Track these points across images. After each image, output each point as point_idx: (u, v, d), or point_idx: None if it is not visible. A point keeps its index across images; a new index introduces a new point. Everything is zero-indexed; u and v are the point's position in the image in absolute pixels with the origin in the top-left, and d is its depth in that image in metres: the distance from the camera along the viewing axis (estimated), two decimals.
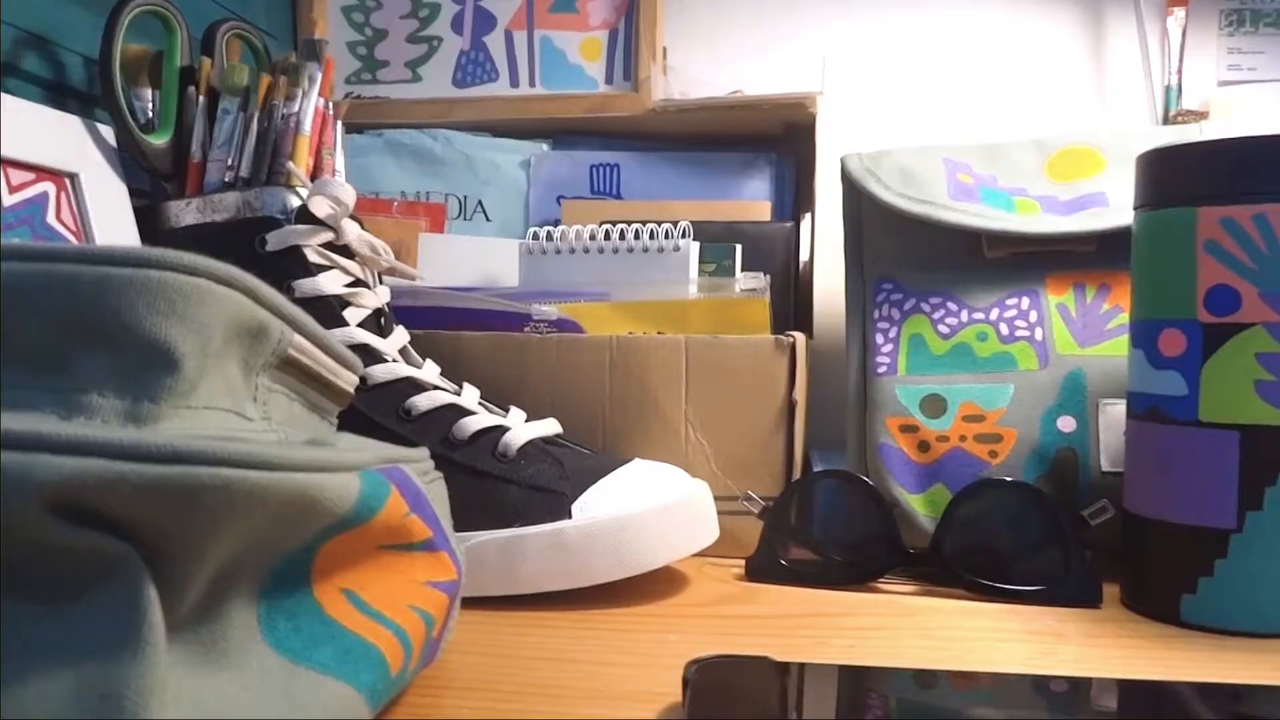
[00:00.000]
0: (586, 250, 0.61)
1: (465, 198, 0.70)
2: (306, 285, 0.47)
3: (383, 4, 0.73)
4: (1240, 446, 0.40)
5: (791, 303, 0.65)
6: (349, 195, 0.47)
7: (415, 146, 0.70)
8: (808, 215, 0.69)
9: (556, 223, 0.68)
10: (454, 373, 0.54)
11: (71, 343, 0.20)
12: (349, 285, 0.49)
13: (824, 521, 0.50)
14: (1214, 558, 0.40)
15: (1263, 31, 0.68)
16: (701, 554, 0.50)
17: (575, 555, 0.43)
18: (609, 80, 0.71)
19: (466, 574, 0.43)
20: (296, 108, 0.49)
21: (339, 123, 0.52)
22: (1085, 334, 0.52)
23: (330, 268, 0.48)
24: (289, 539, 0.21)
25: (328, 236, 0.48)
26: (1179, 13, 0.66)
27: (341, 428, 0.42)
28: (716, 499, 0.51)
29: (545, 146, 0.71)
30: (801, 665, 0.33)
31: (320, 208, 0.47)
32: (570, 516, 0.44)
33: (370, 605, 0.24)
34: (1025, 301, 0.53)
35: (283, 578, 0.22)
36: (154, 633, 0.17)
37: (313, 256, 0.47)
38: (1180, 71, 0.66)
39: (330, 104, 0.51)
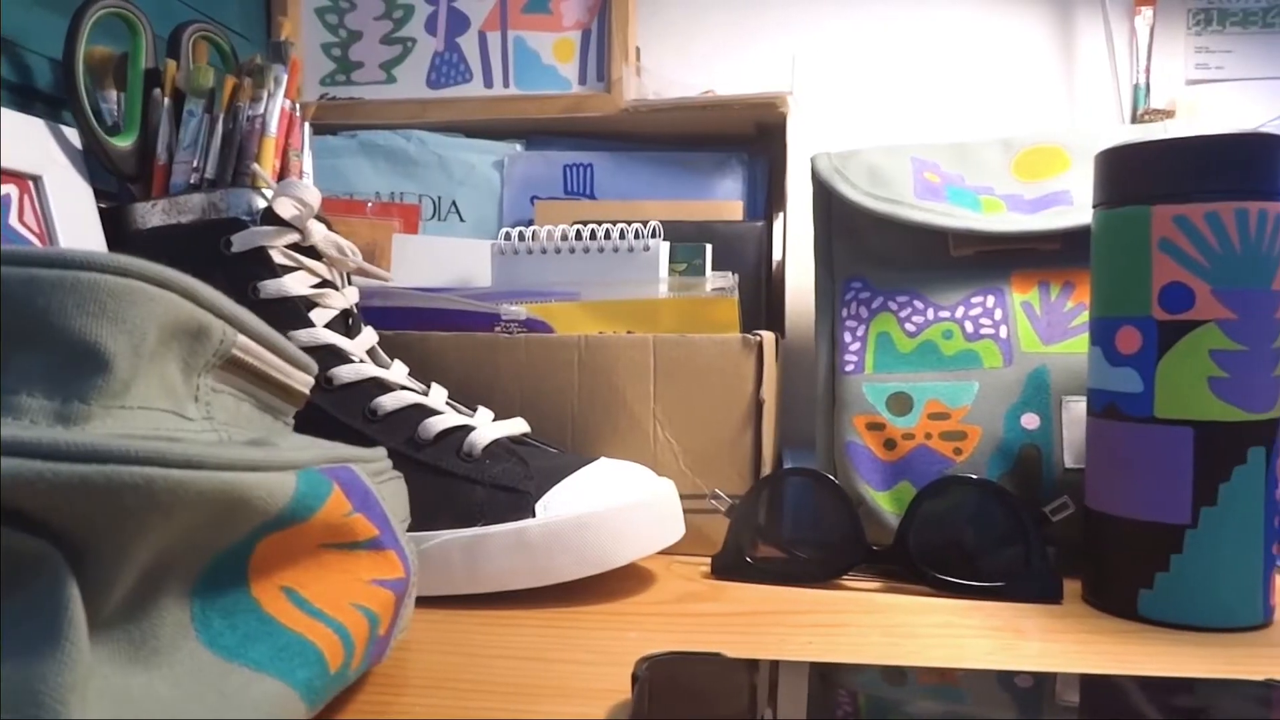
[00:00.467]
0: (558, 250, 0.61)
1: (439, 198, 0.70)
2: (271, 286, 0.47)
3: (356, 5, 0.73)
4: (1194, 443, 0.40)
5: (763, 302, 0.65)
6: (314, 196, 0.47)
7: (389, 147, 0.70)
8: (781, 215, 0.70)
9: (530, 223, 0.68)
10: (424, 373, 0.54)
11: (3, 344, 0.20)
12: (315, 286, 0.49)
13: (789, 519, 0.51)
14: (1170, 553, 0.41)
15: (1230, 30, 0.68)
16: (670, 552, 0.50)
17: (538, 554, 0.44)
18: (582, 81, 0.71)
19: (431, 573, 0.44)
20: (262, 109, 0.49)
21: (307, 124, 0.52)
22: (1049, 331, 0.52)
23: (296, 269, 0.48)
24: (221, 537, 0.21)
25: (293, 237, 0.48)
26: (1146, 12, 0.66)
27: (307, 428, 0.42)
28: (685, 497, 0.52)
29: (519, 147, 0.71)
30: (753, 661, 0.33)
31: (285, 209, 0.47)
32: (534, 515, 0.44)
33: (311, 603, 0.25)
34: (990, 299, 0.53)
35: (218, 576, 0.22)
36: (75, 630, 0.17)
37: (278, 258, 0.47)
38: (1148, 70, 0.66)
39: (297, 106, 0.51)
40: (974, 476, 0.47)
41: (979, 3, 0.74)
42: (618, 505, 0.44)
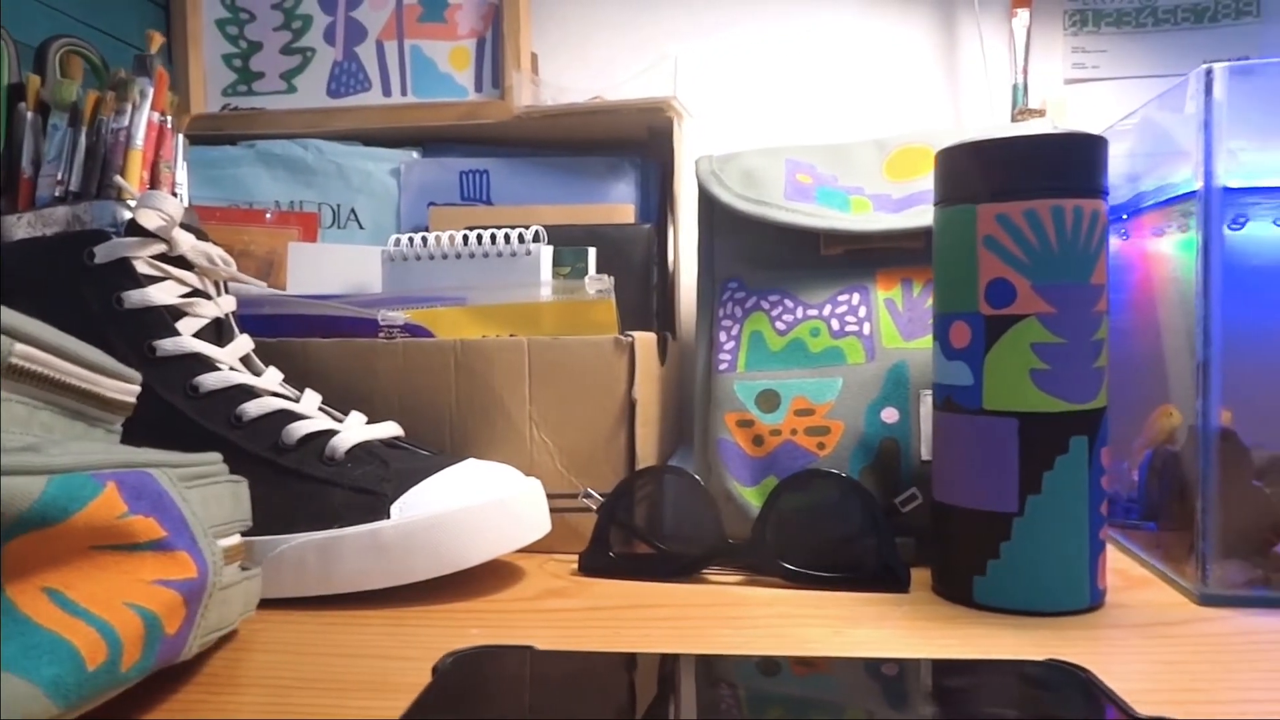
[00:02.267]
0: (445, 256, 0.62)
1: (338, 206, 0.71)
2: (135, 296, 0.47)
3: (256, 16, 0.74)
4: (1019, 433, 0.42)
5: (654, 303, 0.66)
6: (175, 207, 0.48)
7: (287, 156, 0.71)
8: (671, 217, 0.71)
9: (427, 229, 0.69)
10: (306, 380, 0.55)
11: None
12: (184, 296, 0.49)
13: (652, 516, 0.52)
14: (1000, 541, 0.42)
15: (1104, 31, 0.70)
16: (546, 550, 0.52)
17: (392, 555, 0.44)
18: (479, 88, 0.72)
19: (285, 575, 0.45)
20: (127, 122, 0.49)
21: (181, 136, 0.53)
22: (910, 328, 0.53)
23: (163, 279, 0.49)
24: None
25: (159, 248, 0.48)
26: (1023, 13, 0.68)
27: (173, 435, 0.43)
28: (562, 496, 0.53)
29: (415, 154, 0.72)
30: (563, 653, 0.34)
31: (149, 220, 0.48)
32: (389, 517, 0.45)
33: (76, 603, 0.25)
34: (856, 297, 0.55)
35: None
36: None
37: (142, 268, 0.48)
38: (1026, 71, 0.68)
39: (169, 118, 0.52)
40: (826, 470, 0.48)
41: (867, 9, 0.75)
42: (473, 505, 0.45)
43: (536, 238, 0.61)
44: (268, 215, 0.70)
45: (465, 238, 0.62)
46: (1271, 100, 0.43)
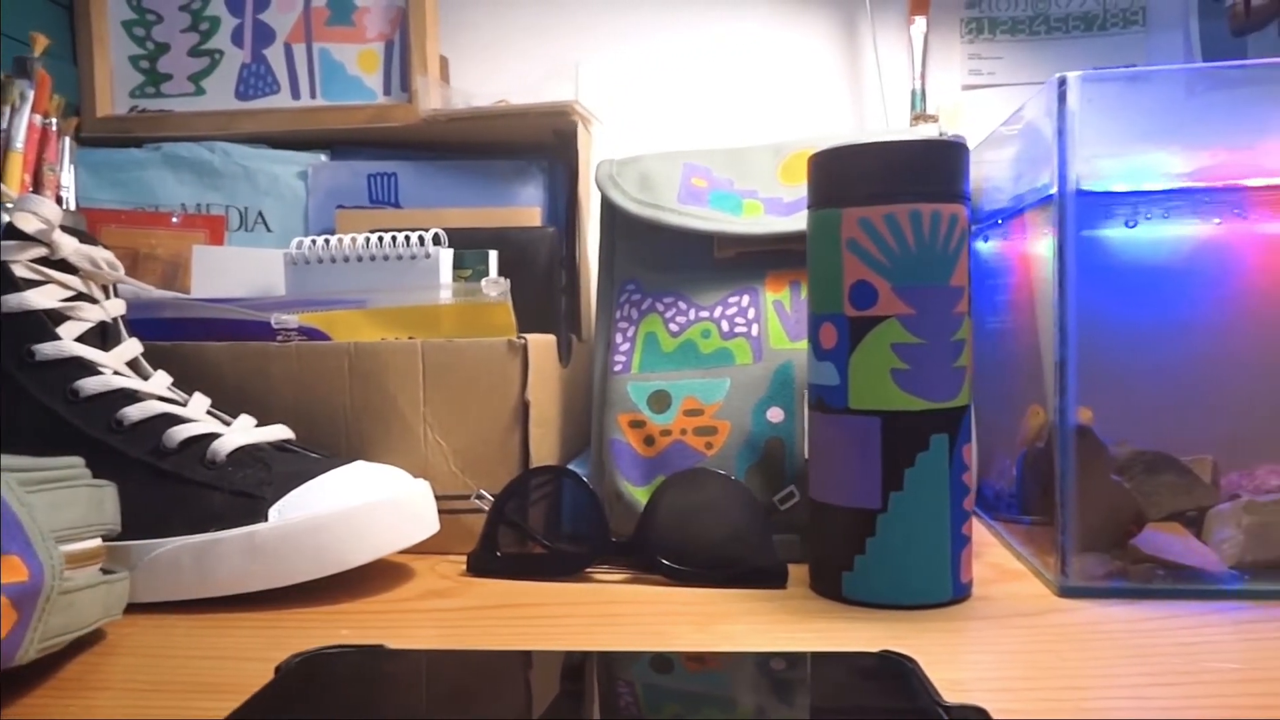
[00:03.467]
0: (347, 259, 0.62)
1: (246, 209, 0.71)
2: (13, 301, 0.47)
3: (163, 18, 0.74)
4: (882, 431, 0.43)
5: (561, 305, 0.67)
6: (53, 211, 0.48)
7: (193, 159, 0.71)
8: (577, 220, 0.71)
9: (334, 232, 0.69)
10: (200, 384, 0.55)
11: None
12: (67, 300, 0.49)
13: (538, 516, 0.52)
14: (865, 537, 0.43)
15: (999, 38, 0.72)
16: (440, 551, 0.52)
17: (270, 557, 0.45)
18: (387, 91, 0.72)
19: (161, 579, 0.45)
20: (5, 124, 0.49)
21: (67, 139, 0.53)
22: (797, 329, 0.54)
23: (43, 282, 0.48)
24: None
25: (39, 252, 0.48)
26: (920, 21, 0.69)
27: (53, 441, 0.43)
28: (455, 497, 0.53)
29: (323, 157, 0.72)
30: (414, 652, 0.34)
31: (26, 223, 0.47)
32: (267, 519, 0.45)
33: None
34: (745, 299, 0.56)
35: None
36: None
37: (21, 271, 0.48)
38: (924, 77, 0.69)
39: (55, 121, 0.52)
40: (707, 469, 0.49)
41: (772, 18, 0.77)
42: (354, 506, 0.46)
43: (437, 240, 0.61)
44: (174, 218, 0.70)
45: (367, 240, 0.62)
46: (1124, 108, 0.44)
